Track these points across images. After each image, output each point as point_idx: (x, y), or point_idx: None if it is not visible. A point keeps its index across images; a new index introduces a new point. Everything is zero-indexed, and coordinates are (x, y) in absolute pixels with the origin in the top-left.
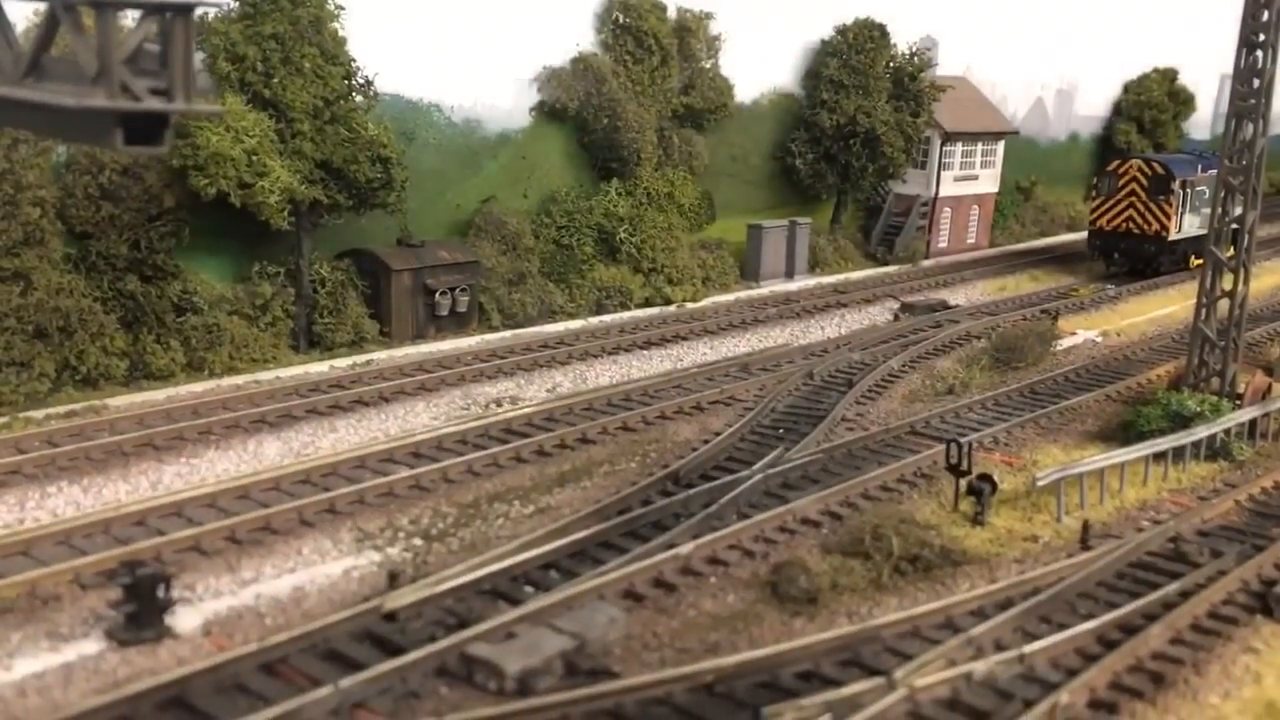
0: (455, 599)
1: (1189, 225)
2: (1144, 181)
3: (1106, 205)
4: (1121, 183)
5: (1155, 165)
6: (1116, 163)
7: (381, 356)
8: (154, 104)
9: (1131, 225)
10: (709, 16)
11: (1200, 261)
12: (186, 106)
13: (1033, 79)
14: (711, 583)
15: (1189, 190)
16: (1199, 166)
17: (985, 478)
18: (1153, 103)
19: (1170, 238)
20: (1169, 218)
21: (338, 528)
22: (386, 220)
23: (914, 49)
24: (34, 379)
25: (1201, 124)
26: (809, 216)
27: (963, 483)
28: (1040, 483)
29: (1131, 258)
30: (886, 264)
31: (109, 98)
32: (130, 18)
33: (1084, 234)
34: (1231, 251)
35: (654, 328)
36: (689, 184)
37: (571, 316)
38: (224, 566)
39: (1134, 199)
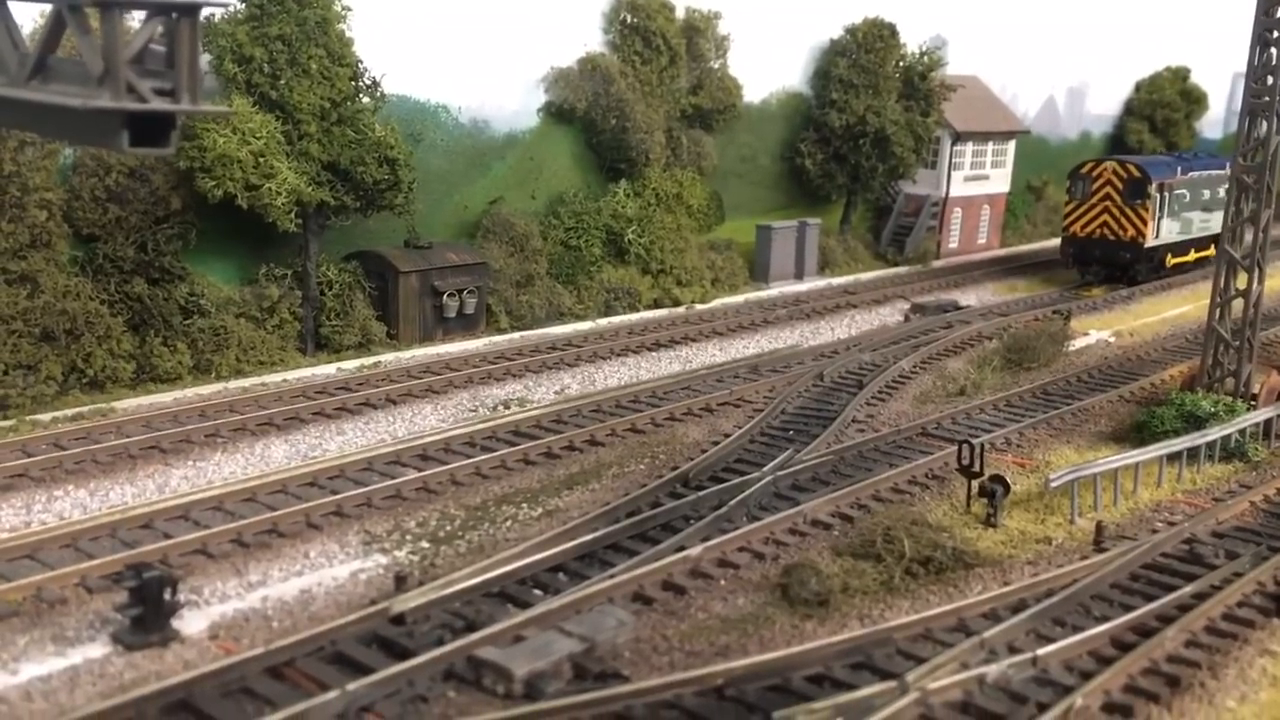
0: (463, 602)
1: (1167, 231)
2: (1119, 185)
3: (1080, 210)
4: (1095, 186)
5: (1131, 167)
6: (1089, 164)
7: (389, 359)
8: (160, 105)
9: (1106, 231)
10: (717, 16)
11: (1176, 261)
12: (192, 107)
13: (1044, 77)
14: (721, 585)
15: (1167, 194)
16: (1178, 169)
17: (998, 479)
18: (1165, 101)
19: (1147, 244)
20: (1145, 223)
21: (345, 530)
22: (394, 222)
23: (924, 48)
24: (41, 382)
25: (1214, 122)
26: (818, 217)
27: (975, 484)
28: (1053, 484)
29: (1106, 265)
30: (897, 265)
31: (114, 98)
32: (136, 18)
33: None
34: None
35: (663, 329)
36: (697, 185)
37: (580, 318)
38: (231, 570)
39: (1109, 203)
